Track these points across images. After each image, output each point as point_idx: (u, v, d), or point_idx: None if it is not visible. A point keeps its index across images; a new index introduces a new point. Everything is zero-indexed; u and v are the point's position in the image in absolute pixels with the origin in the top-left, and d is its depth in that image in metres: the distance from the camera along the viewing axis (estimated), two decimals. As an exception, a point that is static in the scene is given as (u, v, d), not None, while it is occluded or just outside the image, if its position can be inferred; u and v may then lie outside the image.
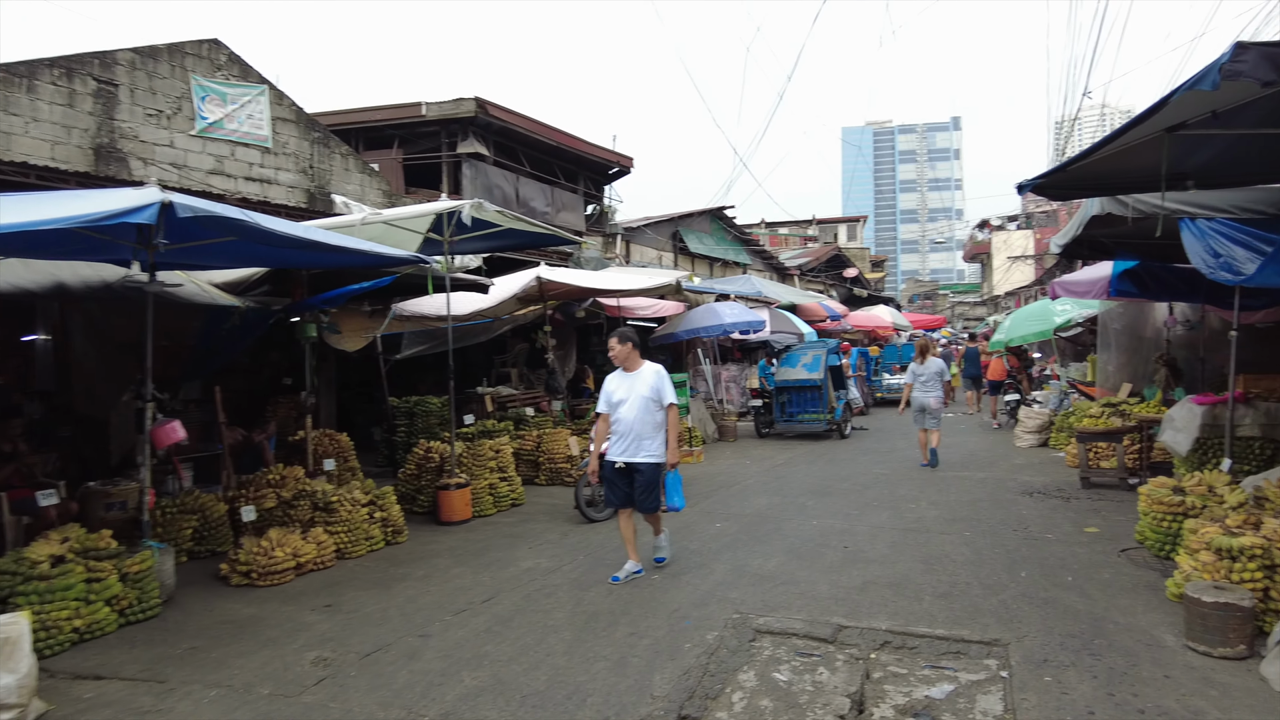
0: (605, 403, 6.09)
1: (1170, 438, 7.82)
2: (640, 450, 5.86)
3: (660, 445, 5.92)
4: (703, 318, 13.88)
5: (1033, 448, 12.38)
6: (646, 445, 5.87)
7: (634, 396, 5.87)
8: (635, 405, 5.86)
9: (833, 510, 8.10)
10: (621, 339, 6.02)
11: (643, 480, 5.89)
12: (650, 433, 5.88)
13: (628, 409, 5.89)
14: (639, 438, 5.86)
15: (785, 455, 12.25)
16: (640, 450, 5.86)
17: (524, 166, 18.12)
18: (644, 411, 5.86)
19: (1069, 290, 10.33)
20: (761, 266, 30.99)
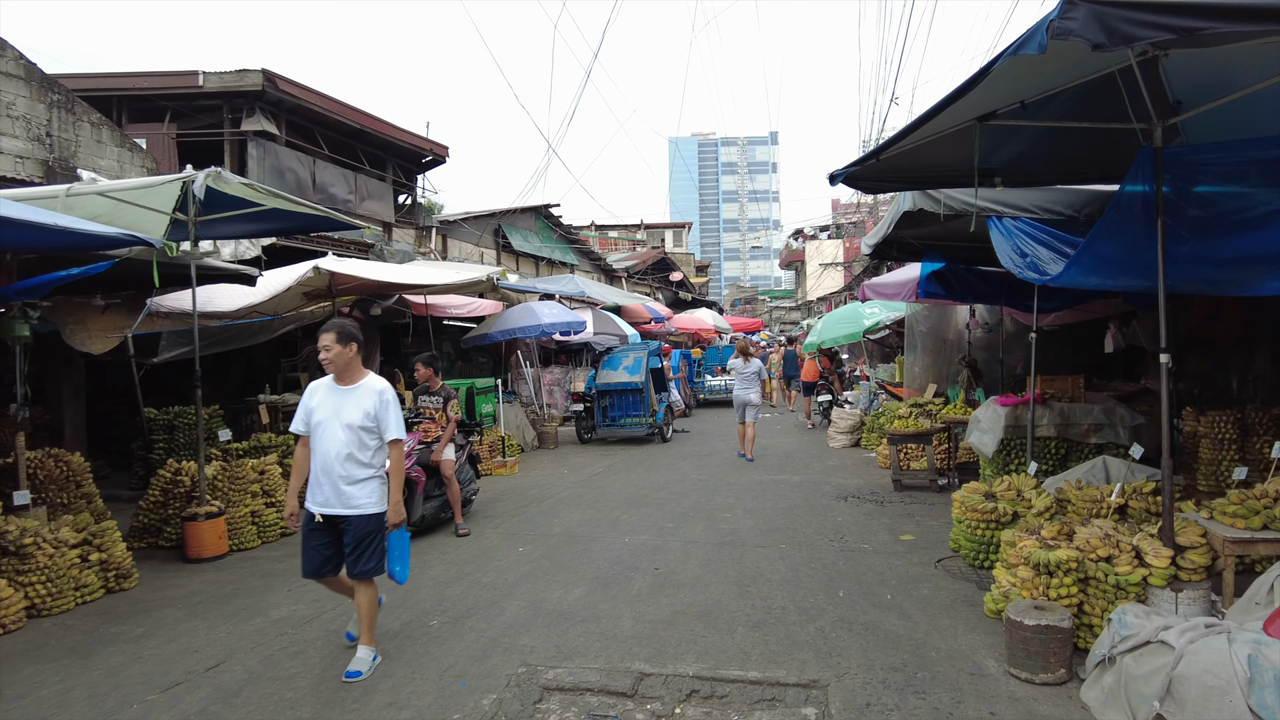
0: (303, 421, 4.36)
1: (977, 439, 7.85)
2: (346, 499, 4.26)
3: (375, 492, 4.32)
4: (520, 318, 12.95)
5: (846, 448, 12.49)
6: (355, 493, 4.26)
7: (339, 422, 4.24)
8: (338, 434, 4.23)
9: (647, 524, 7.46)
10: (340, 335, 4.24)
11: (355, 534, 4.27)
12: (359, 474, 4.27)
13: (328, 437, 4.24)
14: (341, 480, 4.23)
15: (605, 462, 11.58)
16: (346, 499, 4.26)
17: (322, 149, 16.37)
18: (351, 444, 4.23)
19: (878, 292, 10.40)
20: (589, 268, 30.43)
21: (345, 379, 4.32)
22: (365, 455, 4.28)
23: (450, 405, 7.33)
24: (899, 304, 14.35)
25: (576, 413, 13.90)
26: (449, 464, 7.30)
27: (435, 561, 6.45)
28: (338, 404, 4.27)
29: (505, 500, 8.95)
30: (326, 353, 4.24)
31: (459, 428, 7.93)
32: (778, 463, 11.13)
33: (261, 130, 14.72)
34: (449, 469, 7.28)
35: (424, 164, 20.44)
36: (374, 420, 4.26)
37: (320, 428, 4.27)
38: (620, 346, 14.23)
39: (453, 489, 7.30)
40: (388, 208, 18.49)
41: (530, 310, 12.98)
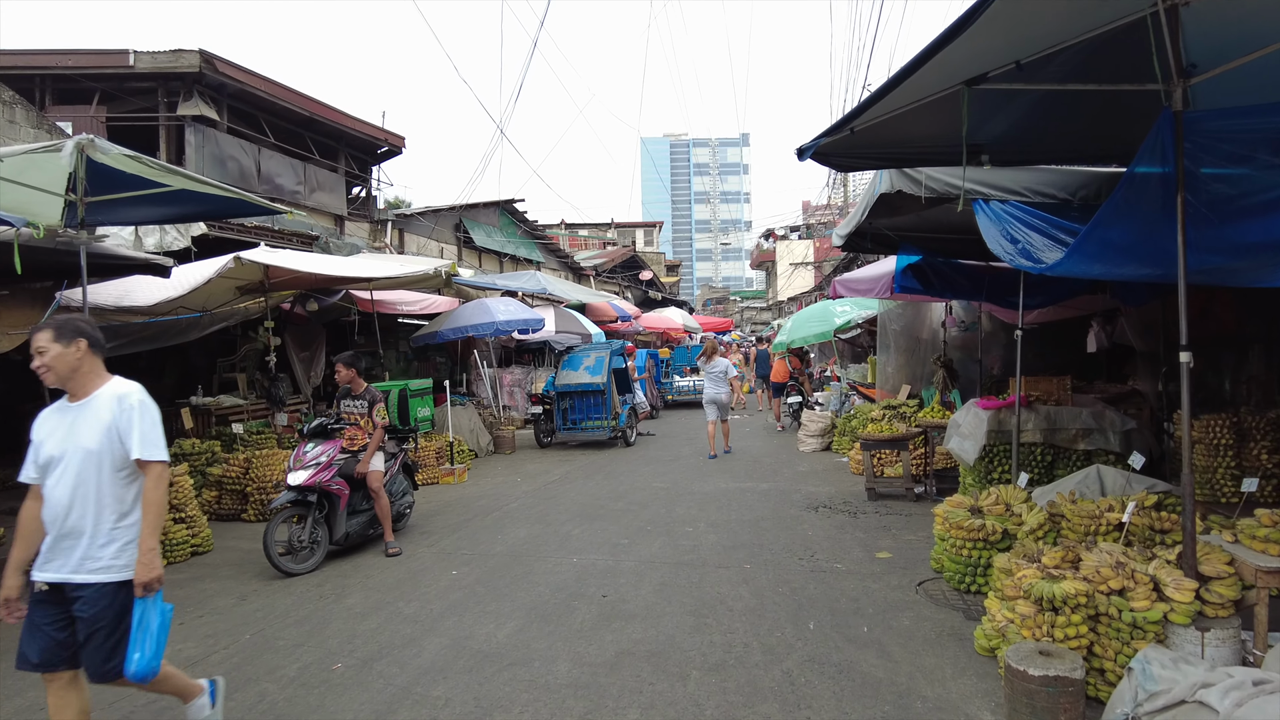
0: (31, 463, 3.13)
1: (957, 445, 7.28)
2: (82, 560, 3.03)
3: (123, 547, 3.08)
4: (473, 315, 12.20)
5: (816, 452, 11.91)
6: (97, 548, 3.04)
7: (73, 451, 3.06)
8: (75, 469, 3.05)
9: (600, 540, 6.77)
10: (58, 332, 3.08)
11: (90, 616, 3.00)
12: (105, 522, 3.06)
13: (63, 475, 3.05)
14: (80, 535, 3.03)
15: (563, 469, 10.87)
16: (82, 560, 3.03)
17: (268, 138, 15.46)
18: (93, 478, 3.06)
19: (850, 289, 9.82)
20: (556, 265, 29.66)
21: (77, 391, 3.13)
22: (115, 492, 3.10)
23: (376, 410, 6.58)
24: (871, 301, 13.82)
25: (535, 415, 13.17)
26: (376, 475, 6.57)
27: (355, 587, 5.70)
28: (70, 428, 3.09)
29: (448, 513, 8.21)
30: (40, 357, 3.04)
31: (390, 434, 7.19)
32: (745, 468, 10.51)
33: (200, 116, 13.80)
34: (376, 481, 6.55)
35: (379, 155, 19.59)
36: (119, 438, 3.09)
37: (53, 466, 3.06)
38: (581, 346, 13.51)
39: (381, 503, 6.57)
40: (339, 200, 17.62)
41: (484, 307, 12.23)
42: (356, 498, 6.51)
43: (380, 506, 6.59)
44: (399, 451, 7.16)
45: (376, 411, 6.55)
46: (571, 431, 12.81)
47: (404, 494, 7.22)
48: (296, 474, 6.04)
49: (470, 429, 12.37)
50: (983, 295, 7.73)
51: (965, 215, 7.59)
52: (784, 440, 13.46)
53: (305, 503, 6.06)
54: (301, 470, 6.05)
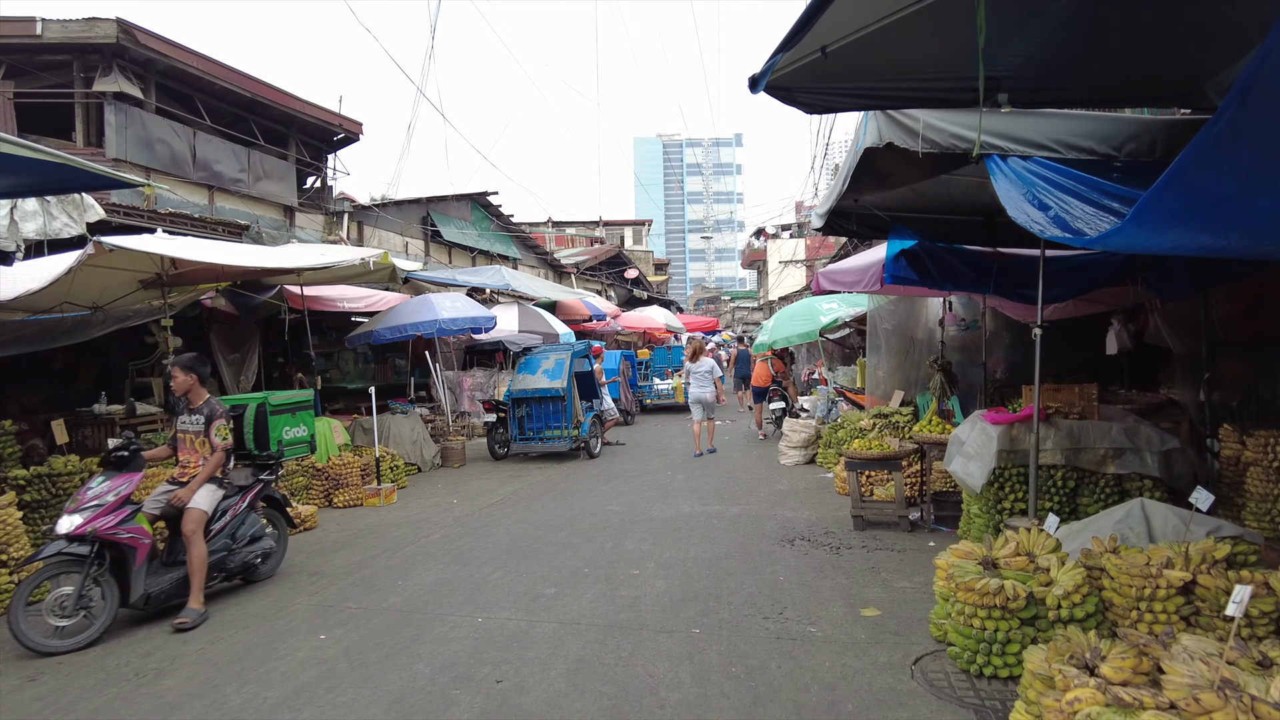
0: None
1: (960, 468, 6.01)
2: None
3: None
4: (414, 312, 10.90)
5: (798, 466, 10.64)
6: None
7: None
8: None
9: (521, 588, 5.48)
10: None
11: None
12: None
13: None
14: None
15: (510, 487, 9.57)
16: None
17: (204, 120, 14.13)
18: None
19: (836, 282, 8.56)
20: (535, 262, 28.37)
21: None
22: None
23: (215, 428, 5.25)
24: (861, 298, 12.58)
25: (489, 424, 11.86)
26: (195, 516, 5.11)
27: (189, 658, 4.40)
28: None
29: (355, 546, 6.91)
30: None
31: (246, 461, 5.87)
32: (716, 486, 9.23)
33: (122, 93, 12.46)
34: (192, 523, 5.08)
35: (335, 143, 18.28)
36: None
37: None
38: (540, 347, 12.20)
39: (195, 552, 5.08)
40: (289, 189, 16.30)
41: (427, 304, 10.93)
42: (181, 543, 5.14)
43: (194, 557, 5.07)
44: (255, 483, 5.78)
45: (215, 430, 5.22)
46: (528, 442, 11.51)
47: (256, 539, 5.75)
48: (68, 519, 4.68)
49: (413, 440, 11.06)
50: (990, 287, 6.47)
51: (970, 191, 6.36)
52: (764, 451, 12.18)
53: (79, 557, 4.68)
54: (76, 513, 4.69)
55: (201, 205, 13.90)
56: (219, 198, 14.38)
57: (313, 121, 16.68)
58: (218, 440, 5.17)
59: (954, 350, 10.19)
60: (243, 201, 14.86)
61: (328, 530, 7.66)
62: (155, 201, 10.63)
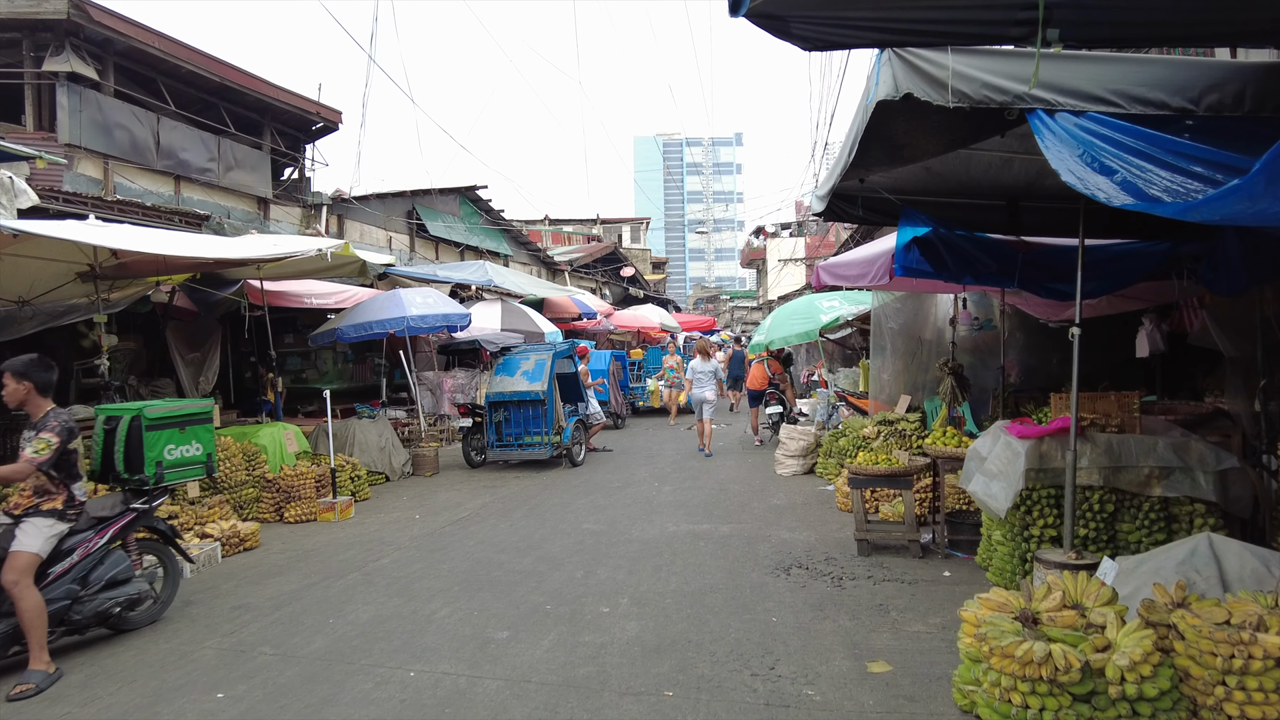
0: None
1: (981, 488, 5.21)
2: None
3: None
4: (381, 309, 10.10)
5: (797, 476, 9.84)
6: None
7: None
8: None
9: (469, 631, 4.67)
10: None
11: None
12: None
13: None
14: None
15: (480, 500, 8.76)
16: None
17: (169, 105, 13.34)
18: None
19: (838, 276, 7.74)
20: (527, 259, 27.55)
21: None
22: None
23: (34, 444, 4.17)
24: (864, 296, 11.78)
25: (464, 430, 11.05)
26: (18, 562, 4.10)
27: (48, 729, 3.60)
28: None
29: (293, 571, 6.10)
30: None
31: (119, 486, 5.03)
32: (706, 500, 8.42)
33: (76, 74, 11.65)
34: (14, 571, 4.08)
35: (314, 132, 17.47)
36: None
37: None
38: (520, 346, 11.38)
39: (24, 605, 4.05)
40: (263, 180, 15.49)
41: (396, 300, 10.13)
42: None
43: (23, 610, 4.05)
44: (121, 514, 4.83)
45: (34, 445, 4.14)
46: (505, 449, 10.71)
47: (119, 582, 4.67)
48: None
49: (380, 447, 10.26)
50: (1015, 279, 5.66)
51: (991, 170, 5.54)
52: (760, 459, 11.38)
53: None
54: None
55: (166, 195, 13.10)
56: (186, 188, 13.58)
57: (289, 109, 15.88)
58: (28, 452, 4.13)
59: (965, 352, 9.40)
60: (212, 192, 14.06)
61: (270, 550, 6.86)
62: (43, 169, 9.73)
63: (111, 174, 12.20)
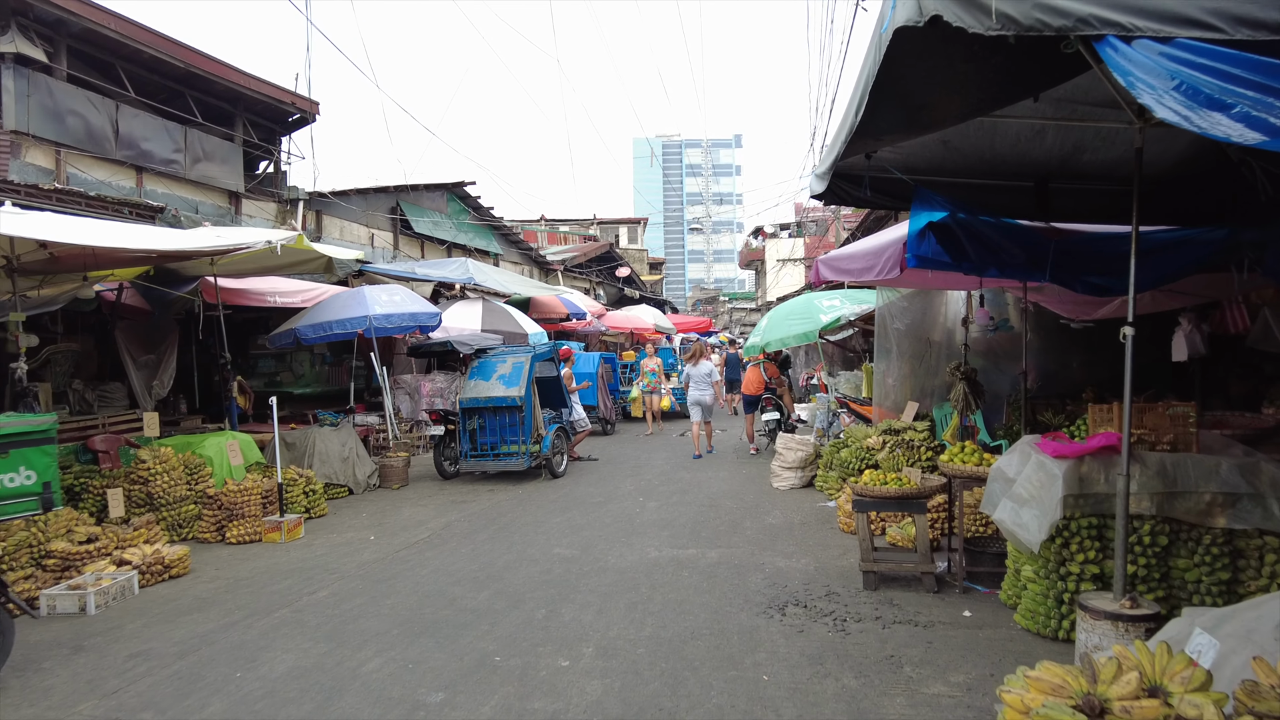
0: None
1: (1010, 516, 4.41)
2: None
3: None
4: (343, 307, 9.32)
5: (794, 490, 9.05)
6: None
7: None
8: None
9: (398, 691, 3.87)
10: None
11: None
12: None
13: None
14: None
15: (445, 518, 7.97)
16: None
17: (128, 92, 12.56)
18: None
19: (840, 270, 6.94)
20: (519, 258, 26.77)
21: None
22: None
23: None
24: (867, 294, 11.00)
25: (436, 438, 10.25)
26: None
27: None
28: None
29: (214, 607, 5.30)
30: None
31: None
32: (694, 518, 7.63)
33: (23, 55, 10.86)
34: None
35: (289, 124, 16.69)
36: None
37: None
38: (498, 348, 10.59)
39: None
40: (234, 174, 14.68)
41: (359, 298, 9.35)
42: None
43: None
44: None
45: None
46: (480, 459, 9.91)
47: None
48: None
49: (343, 458, 9.46)
50: (1046, 271, 4.86)
51: (1020, 143, 4.80)
52: (755, 469, 10.58)
53: None
54: None
55: (127, 188, 12.31)
56: (150, 180, 12.79)
57: (262, 99, 15.08)
58: None
59: (977, 355, 8.62)
60: (179, 185, 13.26)
61: (199, 578, 6.06)
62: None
63: (64, 163, 11.41)
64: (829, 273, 7.05)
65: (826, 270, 7.08)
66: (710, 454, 12.08)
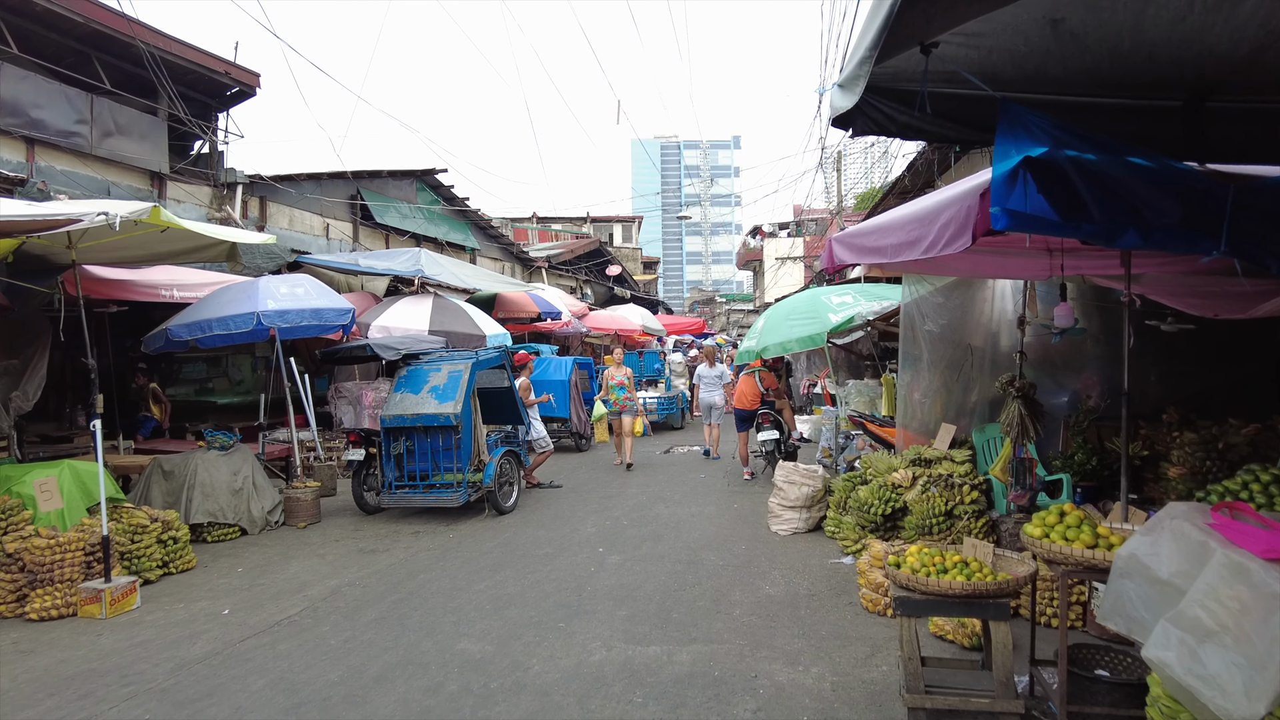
0: None
1: (1185, 660, 2.51)
2: None
3: None
4: (230, 302, 7.40)
5: (798, 535, 7.14)
6: None
7: None
8: None
9: None
10: None
11: None
12: None
13: None
14: None
15: (337, 579, 6.05)
16: None
17: (9, 47, 10.65)
18: None
19: (863, 249, 4.99)
20: (498, 254, 24.86)
21: None
22: None
23: None
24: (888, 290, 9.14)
25: (354, 464, 8.32)
26: None
27: None
28: None
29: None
30: None
31: None
32: (665, 586, 5.71)
33: None
34: None
35: (227, 98, 14.76)
36: None
37: None
38: (432, 354, 8.65)
39: None
40: (157, 151, 12.76)
41: (250, 291, 7.44)
42: None
43: None
44: None
45: None
46: (405, 493, 7.96)
47: None
48: None
49: (234, 490, 7.54)
50: (1220, 238, 2.94)
51: (1185, 27, 2.95)
52: (749, 502, 8.65)
53: None
54: None
55: (14, 163, 10.40)
56: (45, 155, 10.86)
57: (192, 69, 13.16)
58: None
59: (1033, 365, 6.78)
60: (85, 163, 11.32)
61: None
62: None
63: (-84, 129, 9.53)
64: (848, 254, 5.15)
65: (844, 251, 5.18)
66: (716, 460, 11.93)
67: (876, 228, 4.78)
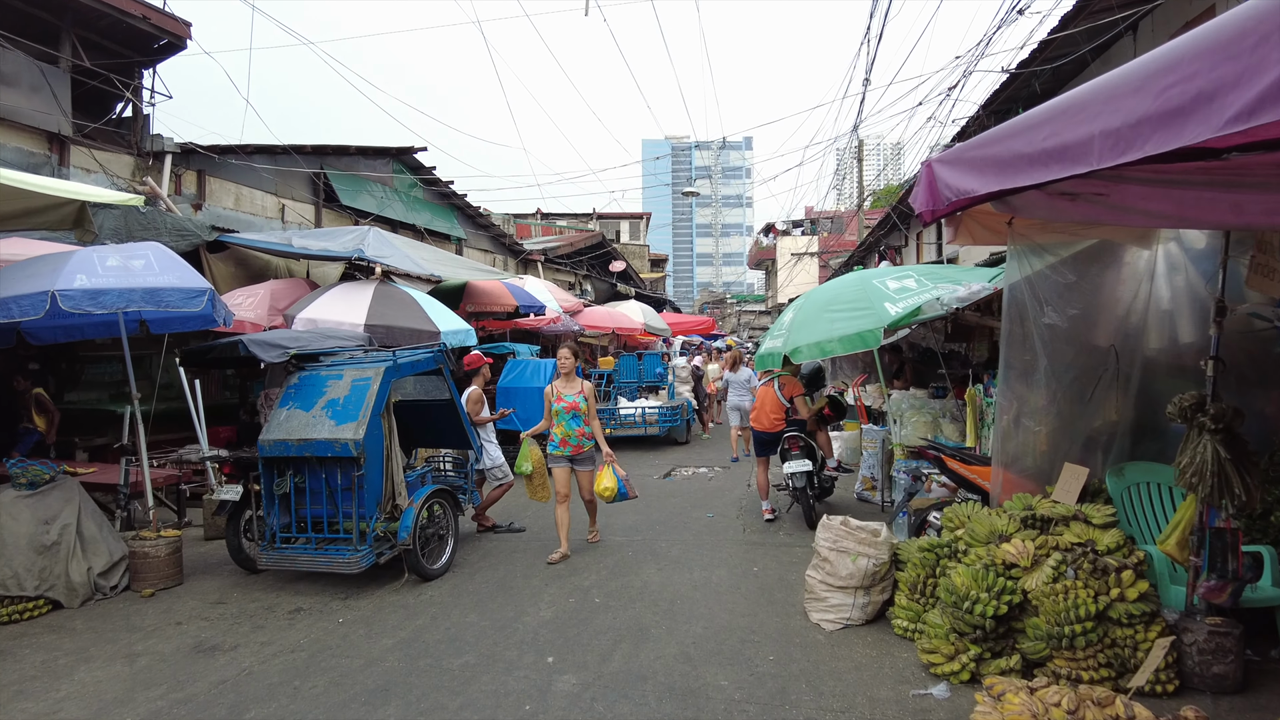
0: None
1: None
2: None
3: None
4: (25, 279, 5.12)
5: (851, 630, 4.77)
6: None
7: None
8: None
9: None
10: None
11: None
12: None
13: None
14: None
15: (119, 713, 3.77)
16: None
17: None
18: None
19: (1017, 160, 2.70)
20: (488, 245, 22.61)
21: None
22: None
23: None
24: (963, 273, 6.85)
25: (225, 505, 6.01)
26: None
27: None
28: None
29: None
30: None
31: None
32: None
33: None
34: None
35: (154, 51, 12.54)
36: None
37: None
38: (335, 358, 6.28)
39: None
40: (57, 109, 10.58)
41: (54, 264, 5.17)
42: None
43: None
44: None
45: None
46: (287, 551, 5.65)
47: None
48: None
49: (43, 547, 5.25)
50: None
51: None
52: (774, 562, 6.27)
53: None
54: None
55: None
56: (-101, 107, 8.71)
57: (104, 12, 10.98)
58: None
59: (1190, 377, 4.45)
60: None
61: None
62: None
63: None
64: (972, 179, 2.84)
65: (961, 175, 2.86)
66: (735, 463, 11.83)
67: (1050, 113, 2.44)
